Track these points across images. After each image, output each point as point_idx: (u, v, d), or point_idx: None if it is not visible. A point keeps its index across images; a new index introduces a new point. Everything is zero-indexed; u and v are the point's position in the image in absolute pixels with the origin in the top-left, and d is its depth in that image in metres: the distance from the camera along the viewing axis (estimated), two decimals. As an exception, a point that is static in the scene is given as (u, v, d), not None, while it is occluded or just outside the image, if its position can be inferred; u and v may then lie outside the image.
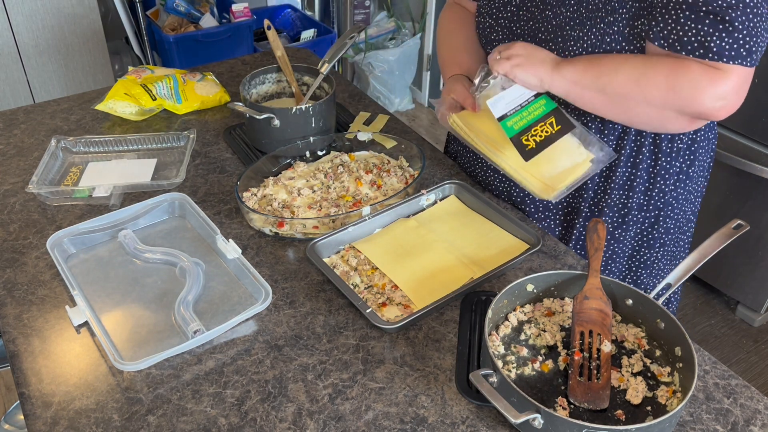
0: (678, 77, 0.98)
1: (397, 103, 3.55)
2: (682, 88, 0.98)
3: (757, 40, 0.96)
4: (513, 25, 1.16)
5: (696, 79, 0.97)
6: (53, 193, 1.25)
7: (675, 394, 0.85)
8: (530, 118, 1.09)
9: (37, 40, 2.83)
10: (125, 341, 0.96)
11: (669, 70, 0.98)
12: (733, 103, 1.00)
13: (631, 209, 1.19)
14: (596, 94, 1.04)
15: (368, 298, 1.03)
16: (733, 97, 0.99)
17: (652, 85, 0.99)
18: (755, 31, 0.95)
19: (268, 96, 1.53)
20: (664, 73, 0.98)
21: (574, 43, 1.07)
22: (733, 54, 0.96)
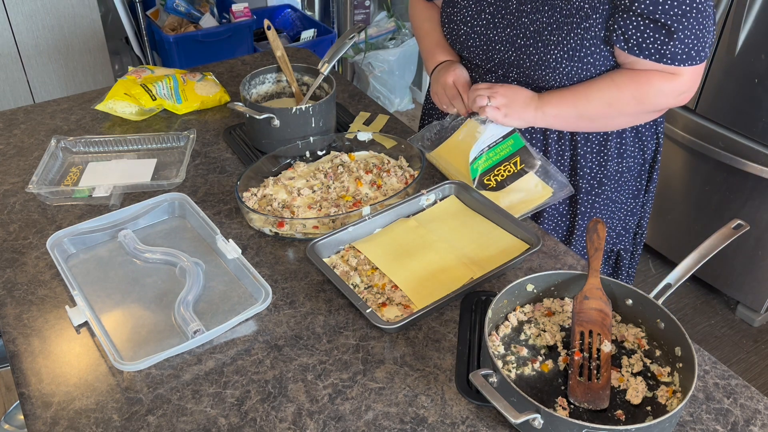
0: (643, 92, 1.13)
1: (397, 103, 3.55)
2: (648, 99, 1.14)
3: (704, 39, 1.09)
4: (490, 32, 1.21)
5: (658, 88, 1.13)
6: (53, 193, 1.25)
7: (675, 394, 0.85)
8: (496, 158, 1.23)
9: (37, 40, 2.83)
10: (125, 341, 0.96)
11: (634, 88, 1.13)
12: (691, 93, 1.16)
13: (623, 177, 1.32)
14: (576, 121, 1.20)
15: (368, 298, 1.03)
16: (690, 90, 1.15)
17: (622, 104, 1.15)
18: (702, 32, 1.07)
19: (268, 96, 1.53)
20: (630, 91, 1.13)
21: (554, 47, 1.14)
22: (685, 57, 1.09)
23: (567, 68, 1.15)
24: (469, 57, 1.28)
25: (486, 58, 1.25)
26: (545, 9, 1.14)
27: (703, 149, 2.19)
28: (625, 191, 1.35)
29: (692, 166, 2.28)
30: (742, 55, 2.00)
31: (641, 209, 1.43)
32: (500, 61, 1.23)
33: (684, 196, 2.35)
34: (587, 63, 1.14)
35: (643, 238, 1.48)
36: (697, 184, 2.30)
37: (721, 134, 2.15)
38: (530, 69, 1.18)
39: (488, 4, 1.21)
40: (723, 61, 2.06)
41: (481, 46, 1.24)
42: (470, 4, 1.23)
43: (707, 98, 2.15)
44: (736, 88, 2.05)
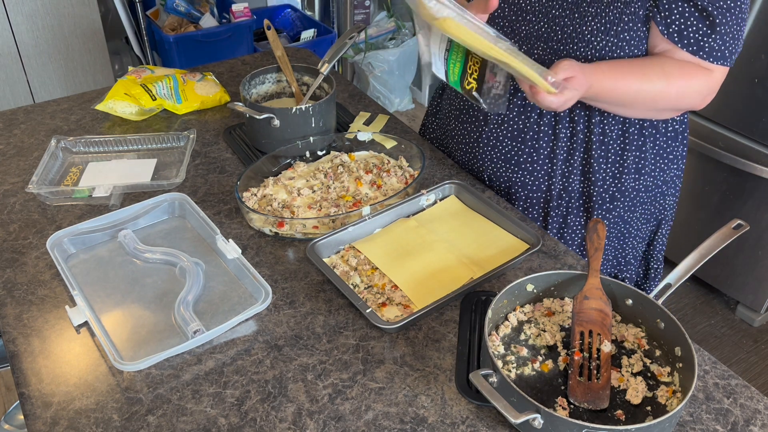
0: (687, 86, 1.09)
1: (397, 103, 3.55)
2: (688, 95, 1.10)
3: (739, 40, 1.07)
4: (522, 1, 1.15)
5: (697, 85, 1.09)
6: (53, 193, 1.25)
7: (675, 394, 0.85)
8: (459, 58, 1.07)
9: (37, 40, 2.83)
10: (125, 341, 0.96)
11: (683, 83, 1.08)
12: (711, 98, 1.14)
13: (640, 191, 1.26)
14: (613, 108, 1.15)
15: (368, 298, 1.03)
16: (713, 93, 1.12)
17: (666, 97, 1.10)
18: (739, 33, 1.06)
19: (268, 96, 1.53)
20: (676, 85, 1.08)
21: (591, 19, 1.08)
22: (720, 55, 1.07)
23: (602, 42, 1.09)
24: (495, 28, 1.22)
25: (512, 29, 1.17)
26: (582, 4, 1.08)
27: (703, 149, 2.19)
28: (639, 213, 1.29)
29: (692, 166, 2.28)
30: (742, 55, 2.00)
31: (653, 238, 1.35)
32: (527, 33, 1.15)
33: (684, 196, 2.35)
34: (623, 40, 1.09)
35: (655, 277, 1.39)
36: (697, 184, 2.30)
37: (721, 134, 2.15)
38: (560, 43, 1.12)
39: (541, 7, 1.14)
40: (723, 61, 2.06)
41: (509, 16, 1.17)
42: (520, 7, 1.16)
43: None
44: (736, 88, 2.05)
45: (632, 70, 1.08)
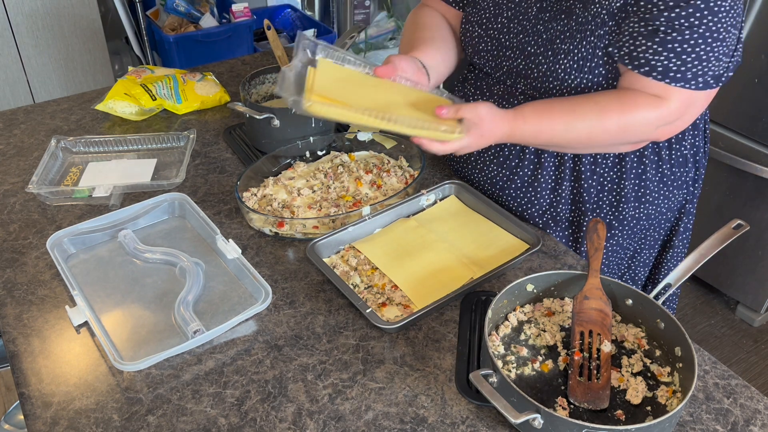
0: (628, 118, 1.00)
1: (397, 103, 3.54)
2: (633, 127, 1.01)
3: (709, 64, 0.97)
4: (502, 36, 1.14)
5: (644, 116, 1.00)
6: (53, 193, 1.25)
7: (675, 394, 0.85)
8: None
9: (37, 40, 2.83)
10: (125, 341, 0.96)
11: (619, 113, 1.00)
12: (675, 127, 1.04)
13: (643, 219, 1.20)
14: (545, 145, 1.10)
15: (368, 298, 1.03)
16: (676, 121, 1.03)
17: (604, 132, 1.02)
18: (708, 55, 0.96)
19: (268, 96, 1.53)
20: (614, 118, 1.01)
21: (564, 57, 1.06)
22: (679, 77, 0.97)
23: (576, 80, 1.05)
24: (480, 63, 1.20)
25: (495, 65, 1.17)
26: (562, 17, 1.06)
27: (703, 149, 2.19)
28: (640, 239, 1.24)
29: (692, 166, 2.28)
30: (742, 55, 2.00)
31: (659, 261, 1.29)
32: (509, 69, 1.14)
33: (684, 196, 2.35)
34: (597, 76, 1.04)
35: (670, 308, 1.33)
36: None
37: (721, 134, 2.15)
38: (537, 80, 1.09)
39: (507, 8, 1.13)
40: (723, 61, 2.06)
41: (492, 51, 1.16)
42: (489, 6, 1.16)
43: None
44: (736, 88, 2.05)
45: (561, 110, 1.03)
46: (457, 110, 0.97)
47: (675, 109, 1.00)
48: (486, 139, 1.00)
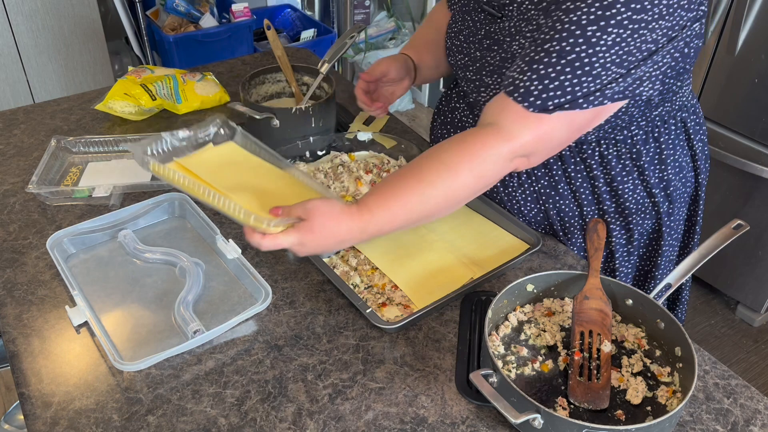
0: (480, 165, 0.90)
1: (397, 103, 3.54)
2: (488, 170, 0.91)
3: (548, 85, 0.87)
4: (459, 55, 1.14)
5: (495, 153, 0.90)
6: (53, 193, 1.25)
7: (675, 394, 0.85)
8: None
9: (37, 40, 2.83)
10: (125, 341, 0.96)
11: (470, 164, 0.90)
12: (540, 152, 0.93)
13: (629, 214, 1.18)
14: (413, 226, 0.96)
15: (368, 298, 1.03)
16: (537, 148, 0.92)
17: (462, 189, 0.91)
18: (549, 76, 0.87)
19: (268, 96, 1.53)
20: (466, 171, 0.90)
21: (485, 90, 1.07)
22: (514, 84, 0.90)
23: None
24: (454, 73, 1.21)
25: (461, 76, 1.17)
26: (494, 48, 1.05)
27: (703, 149, 2.19)
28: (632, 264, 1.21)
29: (692, 166, 2.28)
30: (742, 55, 2.00)
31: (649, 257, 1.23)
32: (466, 80, 1.14)
33: (684, 196, 2.35)
34: None
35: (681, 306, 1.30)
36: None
37: (720, 134, 2.15)
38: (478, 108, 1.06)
39: (466, 27, 1.12)
40: (723, 61, 2.06)
41: (456, 63, 1.17)
42: (457, 20, 1.16)
43: (707, 98, 2.15)
44: (736, 88, 2.05)
45: (407, 185, 0.91)
46: (290, 210, 0.90)
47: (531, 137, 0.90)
48: (323, 236, 0.89)
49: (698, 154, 1.18)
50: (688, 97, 1.12)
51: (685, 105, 1.12)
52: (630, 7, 0.84)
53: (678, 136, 1.13)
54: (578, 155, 1.11)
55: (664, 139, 1.10)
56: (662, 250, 1.20)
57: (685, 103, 1.12)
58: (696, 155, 1.17)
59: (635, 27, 0.85)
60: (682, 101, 1.10)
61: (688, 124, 1.14)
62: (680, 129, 1.13)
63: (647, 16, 0.85)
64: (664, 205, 1.16)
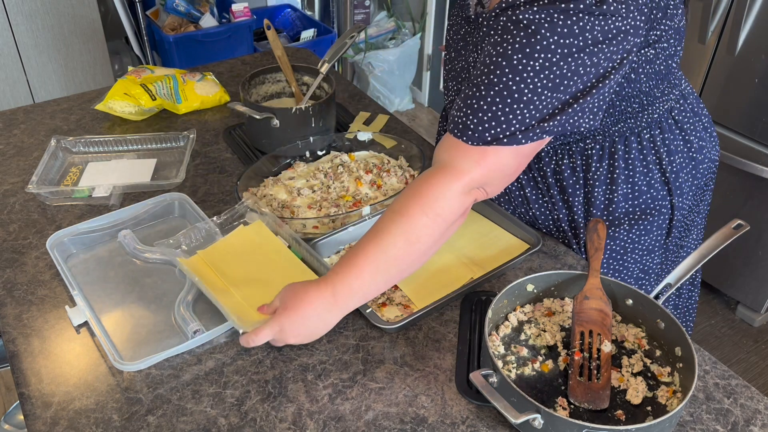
0: (434, 205, 0.87)
1: (397, 103, 3.54)
2: (442, 207, 0.88)
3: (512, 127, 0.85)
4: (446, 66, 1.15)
5: (447, 191, 0.87)
6: (53, 193, 1.25)
7: (675, 394, 0.85)
8: None
9: (37, 40, 2.83)
10: (125, 341, 0.96)
11: (423, 207, 0.87)
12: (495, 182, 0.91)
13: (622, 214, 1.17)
14: (388, 284, 0.92)
15: (368, 298, 1.03)
16: (490, 179, 0.89)
17: (421, 231, 0.88)
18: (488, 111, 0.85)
19: (268, 96, 1.53)
20: (420, 215, 0.87)
21: None
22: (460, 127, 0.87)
23: None
24: None
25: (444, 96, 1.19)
26: (462, 53, 1.05)
27: (703, 149, 2.19)
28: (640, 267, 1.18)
29: (692, 166, 2.28)
30: (742, 55, 2.00)
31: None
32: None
33: (684, 196, 2.35)
34: None
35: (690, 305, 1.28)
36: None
37: (720, 134, 2.15)
38: None
39: (455, 24, 1.10)
40: (723, 61, 2.06)
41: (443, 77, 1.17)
42: (450, 33, 1.13)
43: (707, 98, 2.15)
44: (736, 88, 2.05)
45: (367, 243, 0.90)
46: (271, 304, 0.92)
47: (475, 172, 0.87)
48: (297, 313, 0.88)
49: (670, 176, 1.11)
50: (662, 114, 1.08)
51: (659, 122, 1.08)
52: (556, 32, 0.81)
53: (638, 155, 1.08)
54: (536, 164, 1.12)
55: (619, 156, 1.07)
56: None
57: (659, 120, 1.07)
58: (667, 178, 1.10)
59: (565, 51, 0.82)
60: (653, 118, 1.06)
61: (658, 143, 1.08)
62: (646, 148, 1.08)
63: (578, 41, 0.82)
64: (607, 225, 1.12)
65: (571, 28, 0.81)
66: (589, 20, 0.81)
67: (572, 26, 0.81)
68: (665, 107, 1.08)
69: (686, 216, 1.19)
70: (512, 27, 0.84)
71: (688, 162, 1.13)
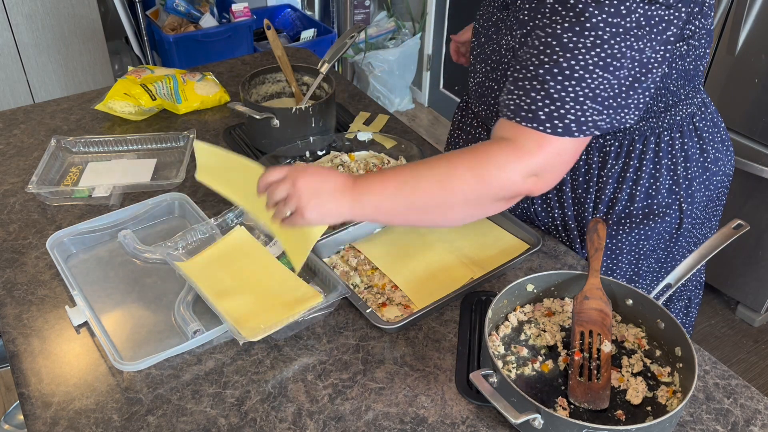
0: (482, 165, 0.87)
1: (397, 103, 3.54)
2: (489, 175, 0.87)
3: (565, 105, 0.85)
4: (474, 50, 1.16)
5: (501, 161, 0.87)
6: (53, 193, 1.25)
7: (675, 394, 0.85)
8: None
9: (37, 40, 2.83)
10: (125, 341, 0.96)
11: (471, 161, 0.88)
12: (549, 178, 0.90)
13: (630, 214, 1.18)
14: (405, 212, 0.90)
15: (368, 298, 1.03)
16: (547, 170, 0.89)
17: (458, 182, 0.88)
18: (562, 95, 0.85)
19: (268, 96, 1.53)
20: (466, 165, 0.88)
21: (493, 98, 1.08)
22: (529, 116, 0.87)
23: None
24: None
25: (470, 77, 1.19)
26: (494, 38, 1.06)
27: (703, 149, 2.19)
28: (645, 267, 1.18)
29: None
30: (742, 55, 2.00)
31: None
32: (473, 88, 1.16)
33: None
34: None
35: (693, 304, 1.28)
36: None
37: (721, 134, 2.15)
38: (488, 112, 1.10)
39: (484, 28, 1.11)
40: (723, 61, 2.06)
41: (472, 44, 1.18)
42: (480, 21, 1.15)
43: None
44: (736, 88, 2.05)
45: (405, 166, 0.91)
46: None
47: (537, 155, 0.87)
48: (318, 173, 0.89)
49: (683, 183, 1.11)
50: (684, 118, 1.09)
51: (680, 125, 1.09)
52: (603, 11, 0.83)
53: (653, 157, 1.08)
54: None
55: (635, 155, 1.08)
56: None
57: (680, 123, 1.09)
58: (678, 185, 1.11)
59: (613, 31, 0.83)
60: (675, 120, 1.07)
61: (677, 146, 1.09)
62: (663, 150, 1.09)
63: (624, 22, 0.83)
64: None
65: (618, 8, 0.83)
66: (634, 1, 0.83)
67: (619, 6, 0.83)
68: (688, 111, 1.09)
69: (697, 228, 1.19)
70: (560, 8, 0.86)
71: (702, 171, 1.13)
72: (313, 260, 1.05)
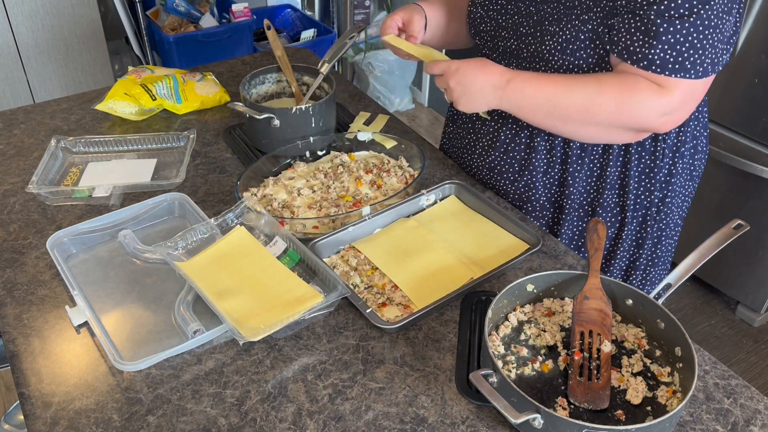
0: (627, 98, 1.00)
1: (397, 103, 3.55)
2: (630, 108, 1.01)
3: (704, 52, 0.97)
4: (500, 17, 1.17)
5: (643, 99, 1.00)
6: (53, 193, 1.25)
7: (675, 394, 0.85)
8: None
9: (37, 40, 2.83)
10: (125, 341, 0.96)
11: (618, 92, 1.01)
12: (677, 117, 1.04)
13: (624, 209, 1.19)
14: (544, 117, 1.07)
15: (368, 298, 1.03)
16: (676, 111, 1.02)
17: (602, 108, 1.02)
18: (702, 43, 0.97)
19: (268, 96, 1.53)
20: (613, 95, 1.01)
21: (549, 38, 1.08)
22: (677, 67, 0.98)
23: (559, 61, 1.07)
24: (480, 44, 1.24)
25: (492, 46, 1.20)
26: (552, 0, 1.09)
27: (703, 149, 2.19)
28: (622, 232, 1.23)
29: (692, 166, 2.28)
30: (742, 55, 2.00)
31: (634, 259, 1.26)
32: (503, 50, 1.17)
33: (684, 196, 2.35)
34: (579, 58, 1.05)
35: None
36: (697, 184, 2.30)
37: (721, 134, 2.15)
38: (526, 60, 1.13)
39: None
40: (723, 61, 2.06)
41: (490, 32, 1.19)
42: None
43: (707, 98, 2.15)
44: (736, 88, 2.05)
45: (560, 76, 1.05)
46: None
47: (676, 99, 1.00)
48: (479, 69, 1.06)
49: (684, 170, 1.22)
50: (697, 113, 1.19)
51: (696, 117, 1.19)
52: None
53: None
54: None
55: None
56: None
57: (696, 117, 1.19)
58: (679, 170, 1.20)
59: None
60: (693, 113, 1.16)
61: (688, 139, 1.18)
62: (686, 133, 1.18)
63: None
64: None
65: None
66: None
67: None
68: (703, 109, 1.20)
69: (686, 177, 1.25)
70: None
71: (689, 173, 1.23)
72: (313, 260, 1.06)
